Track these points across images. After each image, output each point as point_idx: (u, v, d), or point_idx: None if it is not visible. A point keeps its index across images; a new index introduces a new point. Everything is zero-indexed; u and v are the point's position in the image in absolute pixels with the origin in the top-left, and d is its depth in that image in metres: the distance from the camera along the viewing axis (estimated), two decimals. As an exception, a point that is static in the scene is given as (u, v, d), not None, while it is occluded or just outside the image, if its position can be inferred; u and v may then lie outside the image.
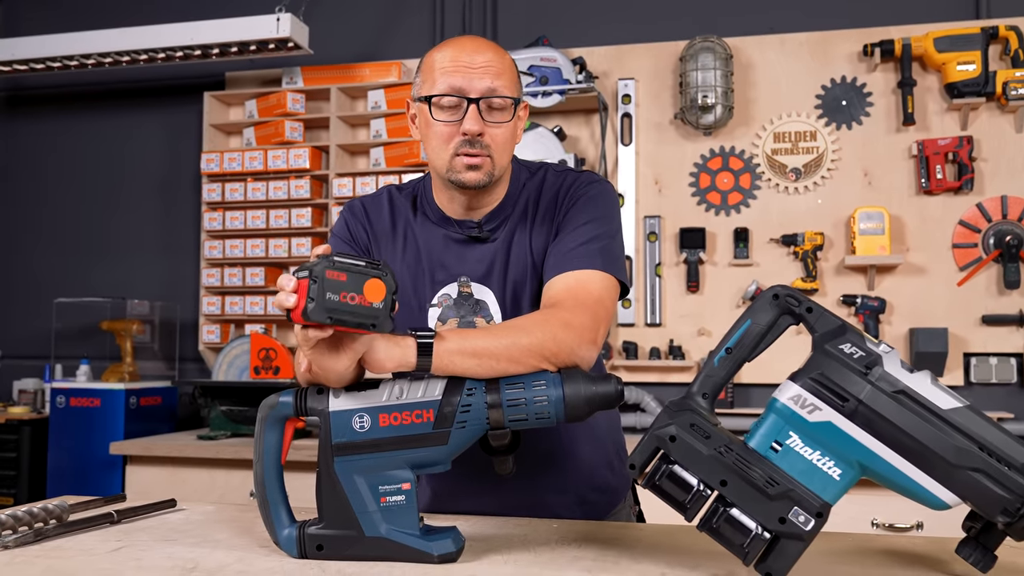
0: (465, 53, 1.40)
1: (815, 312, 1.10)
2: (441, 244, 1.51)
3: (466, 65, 1.39)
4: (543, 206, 1.50)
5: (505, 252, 1.49)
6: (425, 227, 1.53)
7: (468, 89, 1.38)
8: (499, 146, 1.42)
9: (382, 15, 4.15)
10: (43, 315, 4.24)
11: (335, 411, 1.17)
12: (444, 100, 1.39)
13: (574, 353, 1.25)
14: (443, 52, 1.42)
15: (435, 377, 1.18)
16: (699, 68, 3.55)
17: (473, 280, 1.49)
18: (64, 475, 3.64)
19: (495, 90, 1.39)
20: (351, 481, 1.17)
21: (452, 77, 1.39)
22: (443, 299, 1.49)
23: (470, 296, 1.48)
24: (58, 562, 1.16)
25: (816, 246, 3.54)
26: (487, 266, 1.49)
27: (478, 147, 1.40)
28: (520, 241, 1.49)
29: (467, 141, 1.39)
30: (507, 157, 1.46)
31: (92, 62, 3.93)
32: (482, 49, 1.41)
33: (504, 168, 1.46)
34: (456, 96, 1.38)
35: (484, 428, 1.17)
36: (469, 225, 1.50)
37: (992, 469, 1.00)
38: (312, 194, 3.91)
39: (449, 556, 1.16)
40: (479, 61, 1.39)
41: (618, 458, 1.68)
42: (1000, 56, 3.49)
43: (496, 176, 1.44)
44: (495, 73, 1.39)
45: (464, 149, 1.40)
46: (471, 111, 1.38)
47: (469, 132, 1.38)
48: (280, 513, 1.20)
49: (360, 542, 1.17)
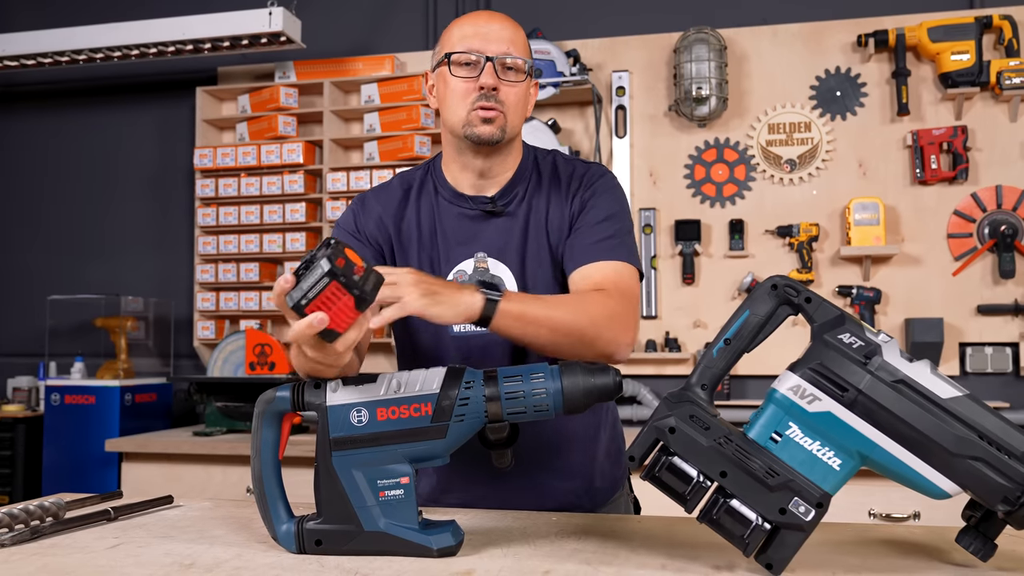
0: (483, 20, 1.52)
1: (814, 302, 1.09)
2: (455, 221, 1.56)
3: (484, 30, 1.50)
4: (559, 185, 1.57)
5: (521, 226, 1.54)
6: (439, 205, 1.58)
7: (485, 49, 1.49)
8: (512, 105, 1.51)
9: (375, 9, 4.13)
10: (37, 312, 4.22)
11: (332, 405, 1.17)
12: (463, 57, 1.49)
13: (615, 342, 1.38)
14: (462, 21, 1.54)
15: (433, 370, 1.18)
16: (693, 60, 3.55)
17: (490, 256, 1.53)
18: (59, 473, 3.63)
19: (510, 52, 1.50)
20: (349, 476, 1.16)
21: (471, 40, 1.50)
22: (459, 275, 1.53)
23: (486, 271, 1.52)
24: (55, 560, 1.15)
25: (811, 237, 3.54)
26: (503, 241, 1.54)
27: (493, 101, 1.48)
28: (536, 216, 1.55)
29: (483, 95, 1.48)
30: (519, 118, 1.53)
31: (83, 58, 3.91)
32: (498, 19, 1.53)
33: (516, 129, 1.54)
34: (475, 54, 1.49)
35: (482, 421, 1.16)
36: (482, 200, 1.56)
37: (992, 458, 1.00)
38: (306, 189, 3.90)
39: (448, 550, 1.15)
40: (496, 27, 1.51)
41: (616, 447, 1.69)
42: (994, 46, 3.49)
43: (508, 134, 1.51)
44: (510, 39, 1.51)
45: (480, 103, 1.48)
46: (487, 67, 1.48)
47: (486, 86, 1.47)
48: (278, 508, 1.19)
49: (359, 537, 1.16)
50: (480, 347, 1.51)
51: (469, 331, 1.51)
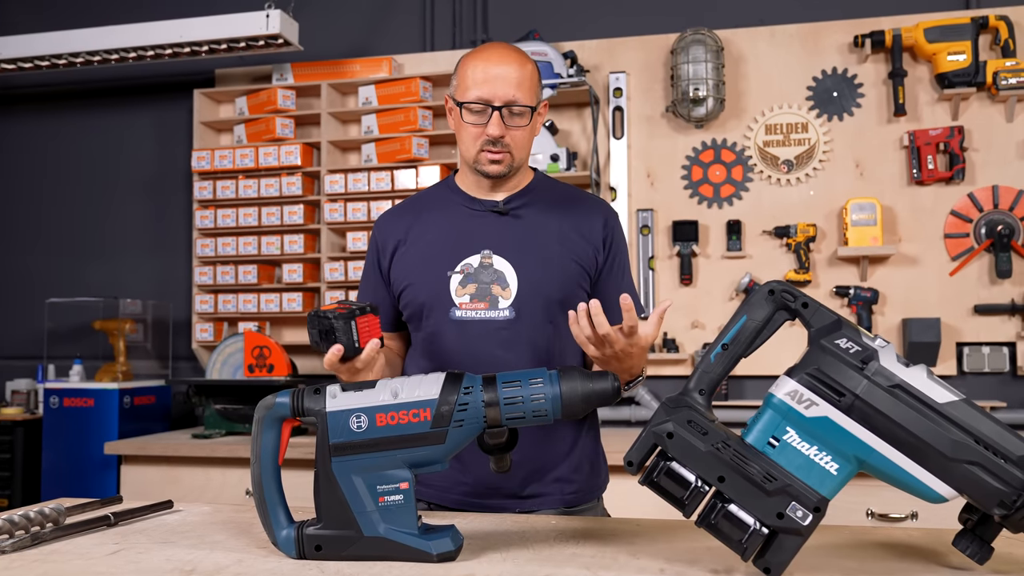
0: (492, 65, 1.65)
1: (811, 307, 1.10)
2: (465, 220, 1.72)
3: (493, 74, 1.64)
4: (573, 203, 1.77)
5: (527, 228, 1.70)
6: (450, 208, 1.75)
7: (492, 99, 1.63)
8: (518, 144, 1.67)
9: (372, 11, 4.13)
10: (35, 315, 4.22)
11: (332, 411, 1.17)
12: (473, 107, 1.65)
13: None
14: (475, 63, 1.66)
15: (432, 375, 1.19)
16: (690, 61, 3.55)
17: (495, 253, 1.67)
18: (59, 476, 3.63)
19: (515, 100, 1.64)
20: (349, 481, 1.17)
21: (481, 87, 1.64)
22: (465, 267, 1.68)
23: (491, 266, 1.67)
24: (56, 567, 1.15)
25: (809, 238, 3.55)
26: (507, 239, 1.69)
27: (499, 146, 1.65)
28: (543, 224, 1.71)
29: (490, 141, 1.65)
30: (525, 151, 1.71)
31: (81, 61, 3.91)
32: (507, 60, 1.66)
33: (523, 160, 1.71)
34: (482, 104, 1.63)
35: (481, 426, 1.17)
36: (491, 203, 1.73)
37: (988, 462, 1.01)
38: (304, 191, 3.90)
39: (448, 555, 1.16)
40: (503, 73, 1.64)
41: (599, 456, 1.80)
42: (990, 46, 3.49)
43: (516, 167, 1.70)
44: (516, 84, 1.64)
45: (488, 148, 1.66)
46: (494, 117, 1.63)
47: (492, 136, 1.64)
48: (278, 514, 1.20)
49: (359, 542, 1.17)
50: (478, 331, 1.65)
51: (469, 316, 1.65)
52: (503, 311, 1.64)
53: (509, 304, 1.64)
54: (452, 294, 1.66)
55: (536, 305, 1.65)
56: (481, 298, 1.64)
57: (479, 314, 1.64)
